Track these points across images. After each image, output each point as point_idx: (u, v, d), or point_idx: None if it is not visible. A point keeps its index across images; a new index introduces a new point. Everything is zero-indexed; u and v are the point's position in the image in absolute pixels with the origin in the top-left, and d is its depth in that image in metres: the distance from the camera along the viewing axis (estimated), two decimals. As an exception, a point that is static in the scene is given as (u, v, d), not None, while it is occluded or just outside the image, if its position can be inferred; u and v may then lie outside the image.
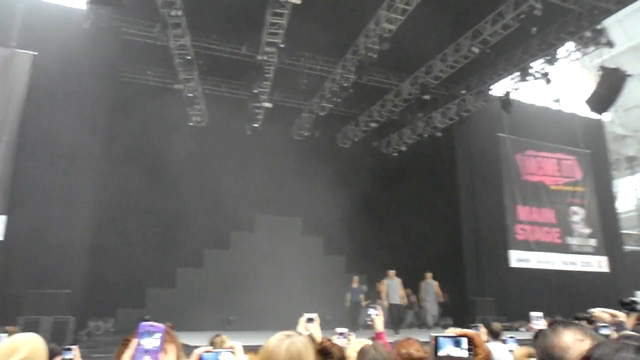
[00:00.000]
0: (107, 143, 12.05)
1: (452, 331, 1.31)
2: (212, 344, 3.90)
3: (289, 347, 1.85)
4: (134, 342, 1.41)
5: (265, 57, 11.63)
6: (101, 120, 11.73)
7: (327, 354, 2.53)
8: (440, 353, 1.25)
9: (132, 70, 13.86)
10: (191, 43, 11.65)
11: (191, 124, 14.01)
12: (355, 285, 13.14)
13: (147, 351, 1.39)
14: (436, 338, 1.27)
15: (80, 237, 11.00)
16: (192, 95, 12.93)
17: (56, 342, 6.97)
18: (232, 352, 1.55)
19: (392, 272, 12.68)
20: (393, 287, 12.47)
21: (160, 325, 1.43)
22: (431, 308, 13.84)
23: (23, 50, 11.26)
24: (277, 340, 1.76)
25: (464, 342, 1.25)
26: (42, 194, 10.65)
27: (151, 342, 1.40)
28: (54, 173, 10.80)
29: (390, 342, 3.49)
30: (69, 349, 2.34)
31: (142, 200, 12.89)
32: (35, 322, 8.52)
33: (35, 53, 11.31)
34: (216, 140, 14.22)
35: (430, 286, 13.74)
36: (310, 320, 3.41)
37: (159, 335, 1.41)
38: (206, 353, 1.50)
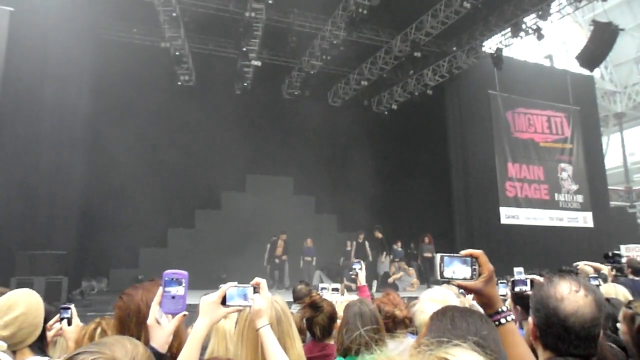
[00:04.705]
0: (94, 103, 11.82)
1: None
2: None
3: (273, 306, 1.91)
4: (159, 290, 1.43)
5: (253, 14, 11.33)
6: (86, 79, 11.47)
7: (317, 307, 2.60)
8: (446, 273, 1.29)
9: (116, 27, 13.44)
10: (176, -1, 11.30)
11: (179, 83, 13.76)
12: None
13: (173, 297, 1.41)
14: (441, 257, 1.31)
15: (72, 199, 10.97)
16: (179, 53, 12.65)
17: (49, 301, 7.07)
18: (256, 288, 1.60)
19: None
20: None
21: (184, 272, 1.45)
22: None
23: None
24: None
25: (469, 261, 1.30)
26: (30, 153, 10.52)
27: (177, 289, 1.42)
28: (40, 133, 10.64)
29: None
30: (67, 308, 2.36)
31: (131, 162, 12.77)
32: (28, 283, 8.56)
33: (12, 9, 10.85)
34: (205, 99, 14.01)
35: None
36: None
37: (183, 281, 1.43)
38: (231, 288, 1.55)
